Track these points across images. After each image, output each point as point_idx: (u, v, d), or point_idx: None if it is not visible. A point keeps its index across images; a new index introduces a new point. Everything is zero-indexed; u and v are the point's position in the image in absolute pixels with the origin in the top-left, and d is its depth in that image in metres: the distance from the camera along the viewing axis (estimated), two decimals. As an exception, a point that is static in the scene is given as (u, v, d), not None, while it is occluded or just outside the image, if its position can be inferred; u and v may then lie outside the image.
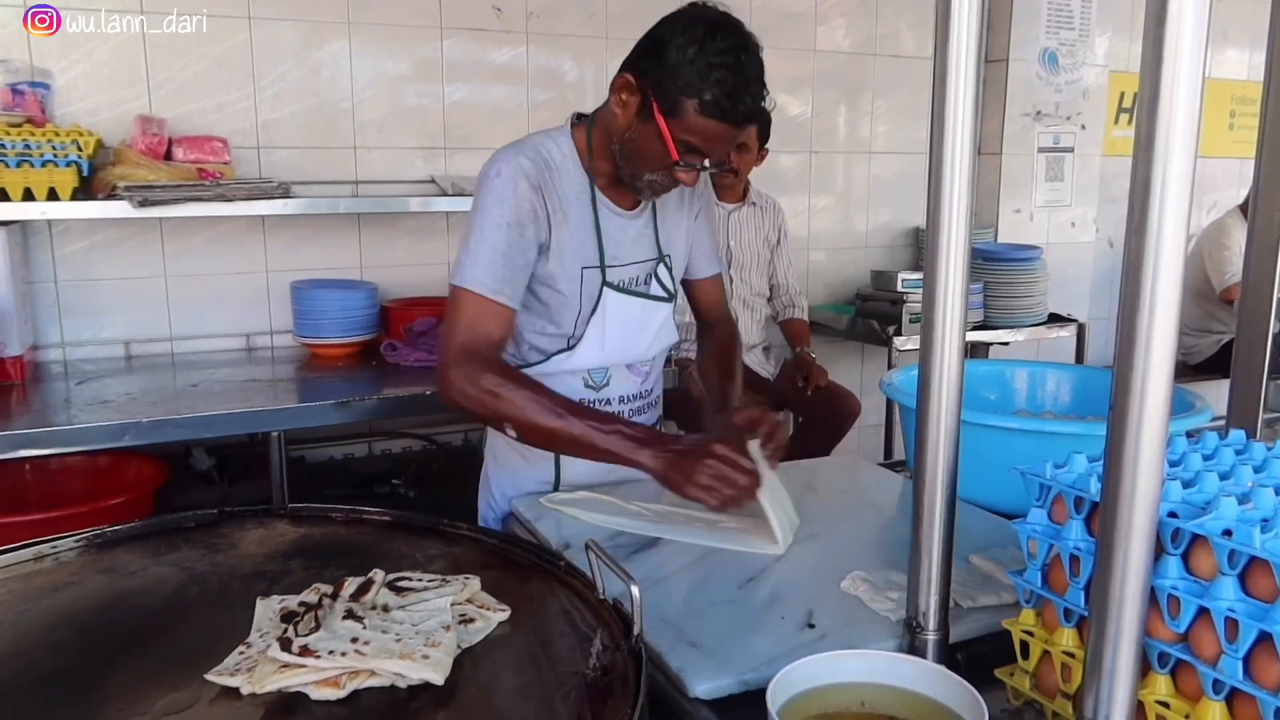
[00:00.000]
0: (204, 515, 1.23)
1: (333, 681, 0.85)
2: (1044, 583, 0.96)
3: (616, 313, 1.64)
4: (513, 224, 1.51)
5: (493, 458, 1.76)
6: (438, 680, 0.85)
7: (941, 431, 0.98)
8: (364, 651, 0.87)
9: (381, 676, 0.87)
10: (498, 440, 1.73)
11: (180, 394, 2.45)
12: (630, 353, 1.70)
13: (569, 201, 1.58)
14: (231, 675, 0.88)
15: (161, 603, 1.04)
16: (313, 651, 0.86)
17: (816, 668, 0.95)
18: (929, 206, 0.93)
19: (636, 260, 1.67)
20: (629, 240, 1.65)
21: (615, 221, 1.63)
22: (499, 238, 1.50)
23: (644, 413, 1.77)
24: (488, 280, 1.50)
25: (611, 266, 1.63)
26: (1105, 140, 4.33)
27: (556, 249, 1.57)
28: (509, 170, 1.52)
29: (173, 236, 2.83)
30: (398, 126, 3.06)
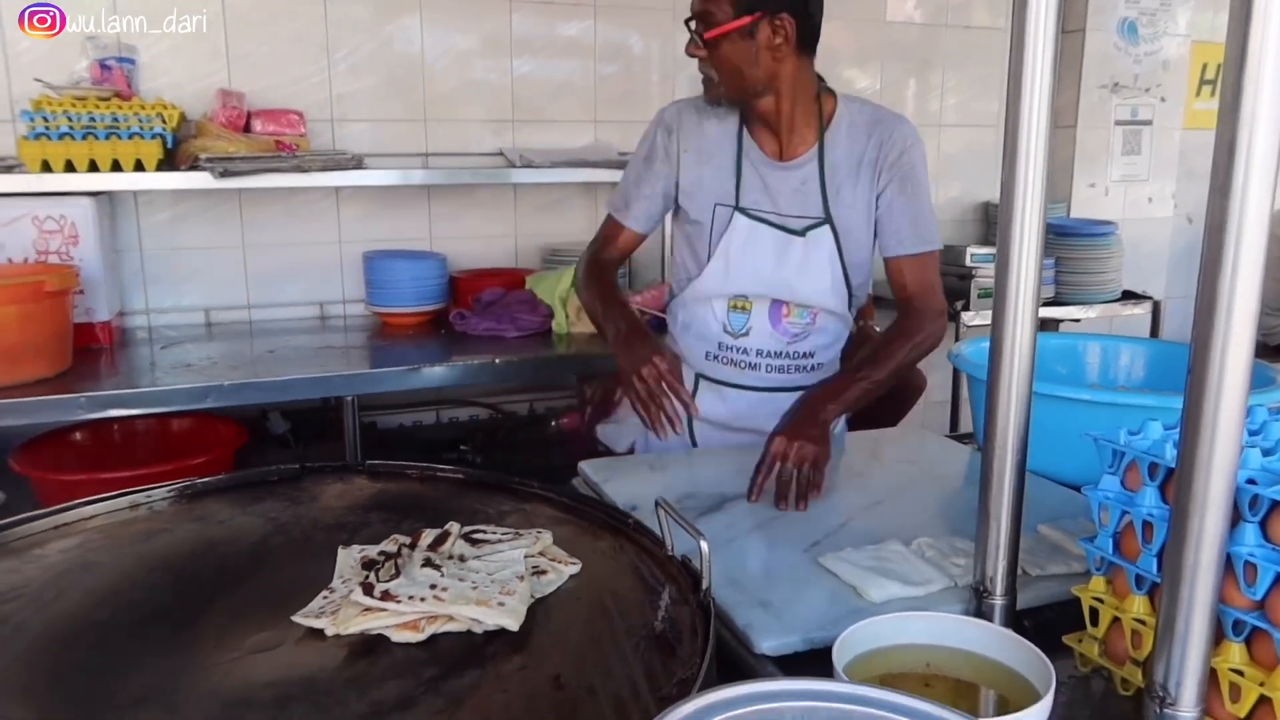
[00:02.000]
0: (287, 470, 1.29)
1: (412, 625, 0.89)
2: (1115, 549, 0.96)
3: (743, 238, 1.73)
4: (644, 157, 1.83)
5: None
6: (513, 626, 0.89)
7: (1012, 398, 0.98)
8: (442, 598, 0.91)
9: (459, 622, 0.90)
10: None
11: (258, 359, 2.52)
12: (763, 282, 1.74)
13: (715, 144, 1.76)
14: (317, 618, 0.92)
15: (249, 550, 1.09)
16: (394, 596, 0.90)
17: (883, 628, 0.95)
18: (1003, 179, 0.93)
19: (787, 214, 1.73)
20: (776, 185, 1.72)
21: (760, 165, 1.73)
22: (633, 169, 1.85)
23: (789, 371, 1.79)
24: (616, 202, 1.88)
25: (749, 211, 1.73)
26: (1186, 113, 4.19)
27: (692, 185, 1.77)
28: (657, 115, 1.83)
29: (251, 207, 2.91)
30: (467, 99, 3.09)
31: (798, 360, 1.79)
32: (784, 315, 1.76)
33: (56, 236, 2.48)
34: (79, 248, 2.48)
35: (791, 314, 1.76)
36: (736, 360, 1.79)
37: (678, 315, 1.87)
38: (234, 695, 0.81)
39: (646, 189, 1.82)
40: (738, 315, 1.77)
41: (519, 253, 3.25)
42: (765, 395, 1.78)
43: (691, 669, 0.81)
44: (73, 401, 2.14)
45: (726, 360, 1.80)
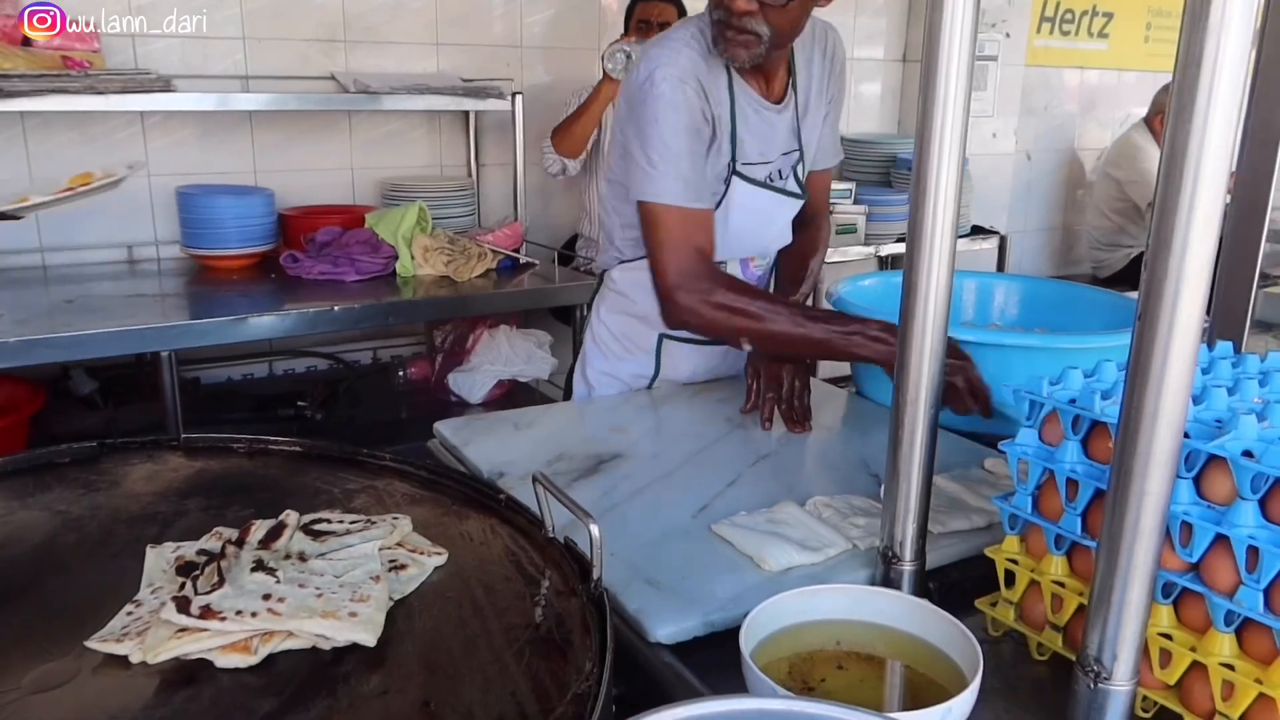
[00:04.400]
0: (80, 449, 1.07)
1: (242, 645, 0.73)
2: (1034, 508, 0.89)
3: (743, 204, 1.56)
4: (688, 127, 1.46)
5: (593, 340, 1.73)
6: (369, 641, 0.73)
7: (925, 349, 0.89)
8: (279, 610, 0.74)
9: (301, 638, 0.74)
10: (601, 328, 1.71)
11: (54, 310, 2.21)
12: (748, 246, 1.63)
13: (720, 95, 1.51)
14: (118, 641, 0.74)
15: (29, 554, 0.88)
16: (216, 613, 0.73)
17: (789, 605, 0.86)
18: (920, 113, 0.87)
19: (775, 155, 1.59)
20: (769, 130, 1.56)
21: (755, 110, 1.55)
22: (680, 144, 1.45)
23: None
24: (680, 190, 1.46)
25: (745, 158, 1.55)
26: (1028, 50, 4.28)
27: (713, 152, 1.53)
28: (674, 73, 1.45)
29: (37, 135, 2.53)
30: (292, 16, 2.78)
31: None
32: (751, 262, 1.68)
33: None
34: None
35: (756, 260, 1.69)
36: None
37: (637, 277, 1.62)
38: (4, 757, 0.63)
39: (701, 162, 1.49)
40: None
41: (356, 188, 2.99)
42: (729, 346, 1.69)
43: (588, 681, 0.69)
44: None
45: None
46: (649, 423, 1.51)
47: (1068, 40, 4.60)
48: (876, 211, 3.48)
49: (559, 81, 3.24)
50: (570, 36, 3.27)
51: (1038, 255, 4.79)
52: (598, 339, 1.74)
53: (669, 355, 1.69)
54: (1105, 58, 4.78)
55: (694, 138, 1.47)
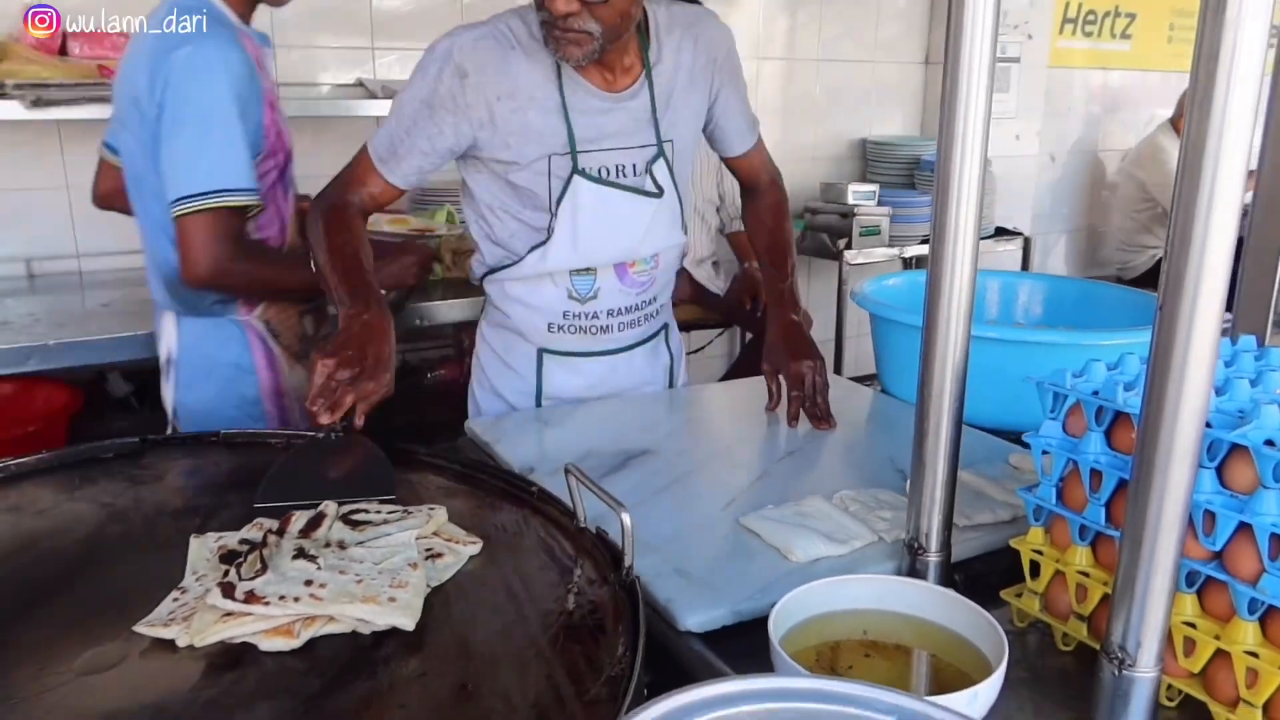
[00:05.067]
0: (124, 444, 1.10)
1: (285, 630, 0.75)
2: (1059, 499, 0.90)
3: (590, 204, 1.48)
4: (424, 102, 1.43)
5: (477, 359, 1.69)
6: (408, 625, 0.76)
7: (950, 345, 0.91)
8: (320, 596, 0.77)
9: (342, 622, 0.76)
10: (484, 346, 1.67)
11: (91, 315, 2.26)
12: (611, 251, 1.54)
13: (530, 83, 1.43)
14: (165, 626, 0.77)
15: (78, 545, 0.92)
16: (260, 598, 0.76)
17: (817, 595, 0.88)
18: (942, 116, 0.89)
19: (623, 146, 1.50)
20: (613, 124, 1.49)
21: (592, 103, 1.47)
22: (407, 113, 1.45)
23: (639, 324, 1.62)
24: (380, 148, 1.47)
25: (585, 152, 1.47)
26: (1051, 51, 4.27)
27: (514, 136, 1.44)
28: (443, 48, 1.43)
29: (74, 142, 2.58)
30: (320, 24, 2.82)
31: (646, 309, 1.63)
32: (630, 268, 1.57)
33: None
34: None
35: (637, 265, 1.58)
36: (586, 326, 1.58)
37: (505, 289, 1.58)
38: (60, 734, 0.65)
39: (423, 141, 1.45)
40: (583, 279, 1.55)
41: (385, 193, 3.02)
42: (617, 358, 1.63)
43: (621, 664, 0.70)
44: None
45: (575, 329, 1.58)
46: (676, 420, 1.53)
47: (1090, 41, 4.58)
48: (900, 213, 3.48)
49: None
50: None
51: (1062, 257, 4.77)
52: (481, 358, 1.69)
53: (550, 371, 1.62)
54: (1128, 58, 4.76)
55: (424, 113, 1.43)
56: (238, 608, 0.75)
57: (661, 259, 1.60)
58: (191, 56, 1.48)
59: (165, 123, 1.50)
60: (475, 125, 1.44)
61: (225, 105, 1.49)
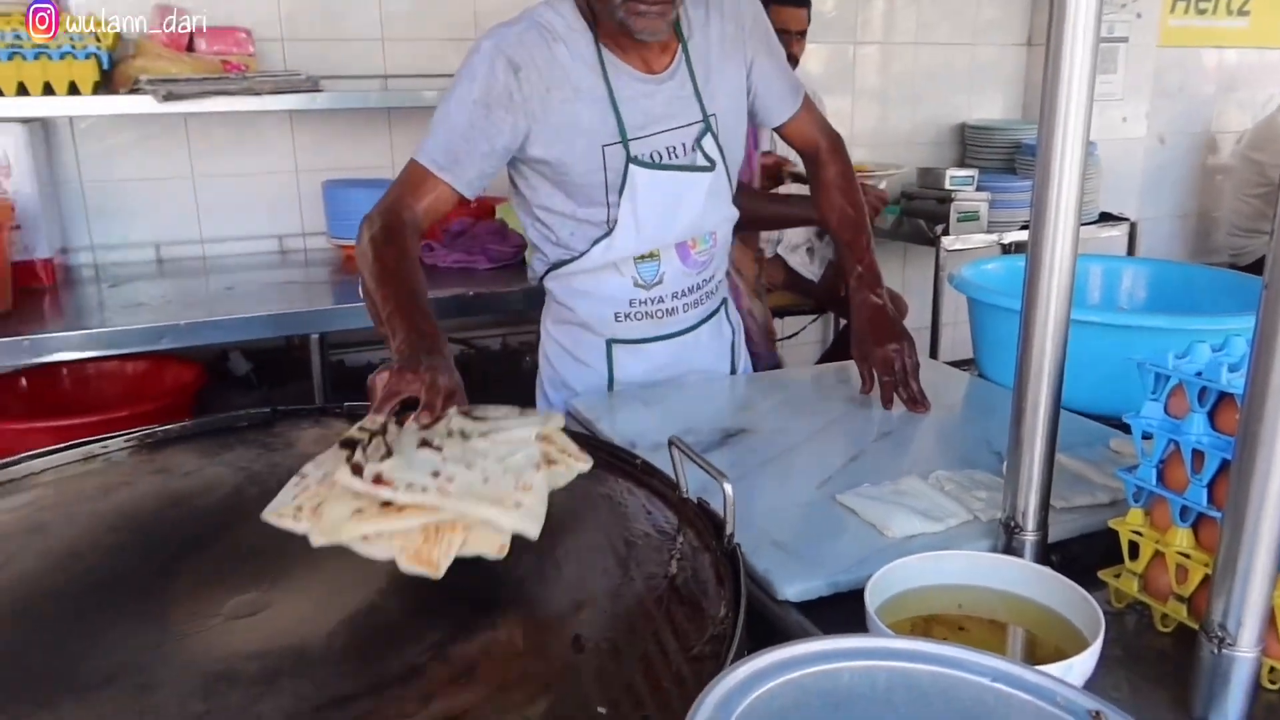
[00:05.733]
0: (256, 414, 1.19)
1: (426, 559, 0.75)
2: (1159, 480, 0.90)
3: (648, 189, 1.49)
4: (479, 102, 1.41)
5: (545, 357, 1.71)
6: (533, 533, 0.77)
7: (1049, 325, 0.92)
8: (448, 490, 0.77)
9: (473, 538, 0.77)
10: (550, 343, 1.68)
11: (215, 297, 2.40)
12: (674, 231, 1.55)
13: (577, 74, 1.44)
14: (295, 519, 0.78)
15: (220, 503, 1.00)
16: (388, 481, 0.75)
17: (912, 569, 0.90)
18: (1044, 99, 0.89)
19: (671, 127, 1.52)
20: (659, 106, 1.50)
21: (636, 88, 1.48)
22: (461, 115, 1.42)
23: (701, 303, 1.65)
24: (436, 155, 1.43)
25: (636, 139, 1.48)
26: (1161, 30, 4.11)
27: (567, 127, 1.45)
28: (489, 46, 1.42)
29: (199, 134, 2.74)
30: (425, 16, 2.92)
31: (706, 288, 1.65)
32: (691, 249, 1.59)
33: (-13, 168, 2.31)
34: (12, 179, 2.32)
35: (698, 245, 1.60)
36: (652, 312, 1.60)
37: (570, 284, 1.60)
38: (215, 669, 0.72)
39: (483, 143, 1.42)
40: (648, 265, 1.56)
41: (486, 181, 3.11)
42: (684, 339, 1.65)
43: (723, 624, 0.74)
44: (15, 345, 2.01)
45: (641, 315, 1.60)
46: (773, 400, 1.55)
47: (1204, 19, 4.39)
48: (1000, 198, 3.41)
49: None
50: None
51: (1170, 242, 4.59)
52: (548, 355, 1.70)
53: (620, 359, 1.63)
54: (1245, 36, 4.54)
55: (479, 114, 1.41)
56: (366, 489, 0.75)
57: (719, 235, 1.64)
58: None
59: None
60: (530, 118, 1.43)
61: None
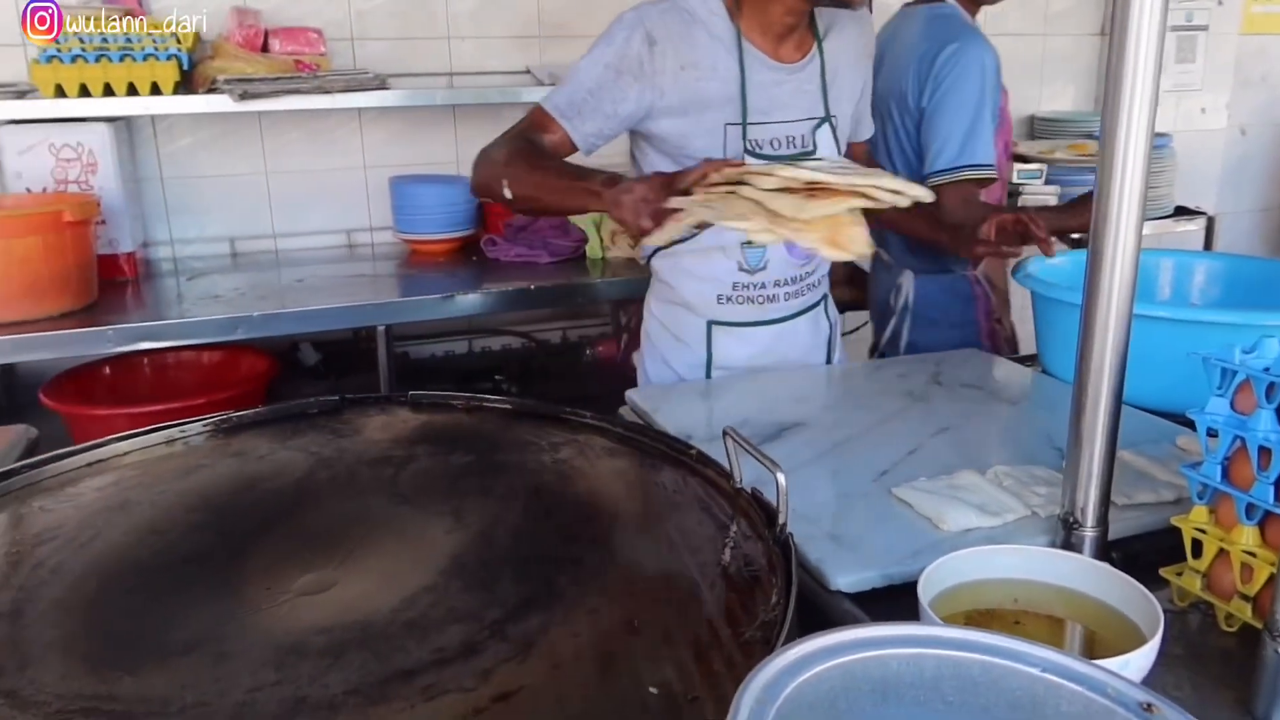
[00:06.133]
0: (327, 402, 1.23)
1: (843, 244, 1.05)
2: (1224, 477, 0.89)
3: None
4: (610, 65, 1.49)
5: (646, 335, 1.76)
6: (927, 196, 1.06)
7: (1111, 319, 0.91)
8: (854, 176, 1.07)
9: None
10: (652, 321, 1.74)
11: (286, 290, 2.46)
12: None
13: (713, 55, 1.51)
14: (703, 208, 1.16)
15: (292, 486, 1.04)
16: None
17: (968, 562, 0.90)
18: (1108, 87, 0.88)
19: (792, 119, 1.57)
20: (785, 95, 1.56)
21: (767, 75, 1.54)
22: (592, 74, 1.50)
23: (803, 294, 1.68)
24: (561, 103, 1.52)
25: (756, 124, 1.53)
26: (1244, 17, 3.97)
27: (690, 104, 1.51)
28: (632, 17, 1.51)
29: (272, 132, 2.82)
30: (491, 15, 2.96)
31: (808, 279, 1.68)
32: None
33: (75, 165, 2.41)
34: (98, 176, 2.41)
35: None
36: (753, 297, 1.64)
37: (678, 263, 1.66)
38: (286, 642, 0.76)
39: (607, 105, 1.50)
40: (754, 251, 1.61)
41: (548, 176, 3.15)
42: (783, 327, 1.68)
43: (774, 610, 0.75)
44: (101, 335, 2.10)
45: (743, 299, 1.64)
46: (830, 394, 1.56)
47: (1292, 4, 4.23)
48: (1070, 191, 3.33)
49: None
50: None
51: (1251, 238, 4.44)
52: (650, 333, 1.75)
53: (719, 341, 1.67)
54: (1336, 22, 4.36)
55: (609, 77, 1.49)
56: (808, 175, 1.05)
57: None
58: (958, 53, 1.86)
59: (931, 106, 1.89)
60: (656, 93, 1.49)
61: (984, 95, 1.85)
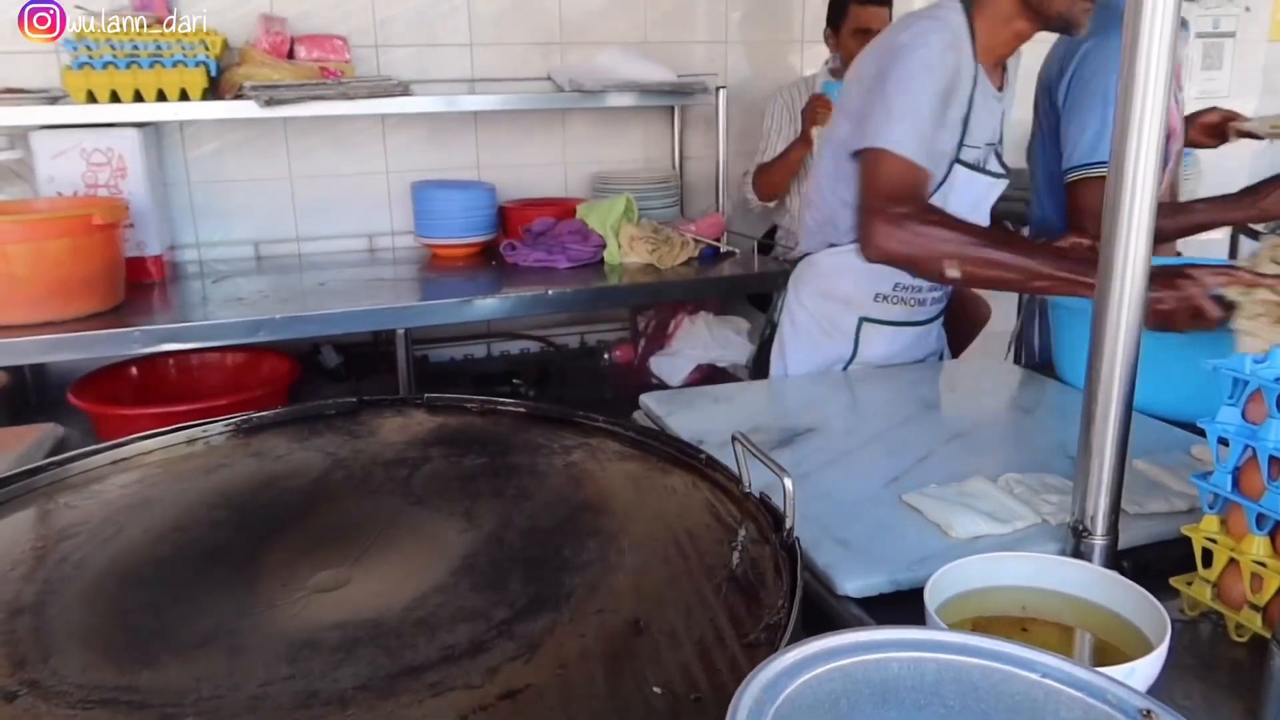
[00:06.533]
0: (345, 403, 1.25)
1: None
2: (1234, 487, 0.89)
3: (964, 188, 1.61)
4: (940, 93, 1.51)
5: (790, 324, 1.80)
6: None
7: (1121, 327, 0.90)
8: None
9: None
10: (800, 310, 1.78)
11: (308, 293, 2.50)
12: None
13: (967, 77, 1.56)
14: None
15: (309, 485, 1.06)
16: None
17: (976, 569, 0.90)
18: (1120, 98, 0.88)
19: (990, 142, 1.65)
20: (991, 121, 1.63)
21: (987, 104, 1.60)
22: (924, 105, 1.49)
23: (942, 300, 1.77)
24: (911, 144, 1.48)
25: (967, 146, 1.59)
26: (1272, 24, 3.94)
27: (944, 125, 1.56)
28: (938, 41, 1.51)
29: (296, 137, 2.86)
30: (513, 22, 2.99)
31: (947, 287, 1.77)
32: None
33: (105, 169, 2.45)
34: (127, 180, 2.46)
35: None
36: (907, 299, 1.71)
37: (848, 260, 1.65)
38: (300, 637, 0.77)
39: (935, 131, 1.51)
40: None
41: (569, 181, 3.17)
42: (922, 329, 1.77)
43: (779, 613, 0.76)
44: (127, 336, 2.14)
45: (898, 300, 1.71)
46: (842, 401, 1.56)
47: (1321, 11, 4.19)
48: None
49: (760, 74, 3.30)
50: (771, 29, 3.33)
51: (1279, 247, 4.39)
52: (796, 322, 1.79)
53: (867, 337, 1.73)
54: (1367, 29, 4.32)
55: (939, 103, 1.50)
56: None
57: None
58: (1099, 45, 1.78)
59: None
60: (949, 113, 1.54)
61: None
